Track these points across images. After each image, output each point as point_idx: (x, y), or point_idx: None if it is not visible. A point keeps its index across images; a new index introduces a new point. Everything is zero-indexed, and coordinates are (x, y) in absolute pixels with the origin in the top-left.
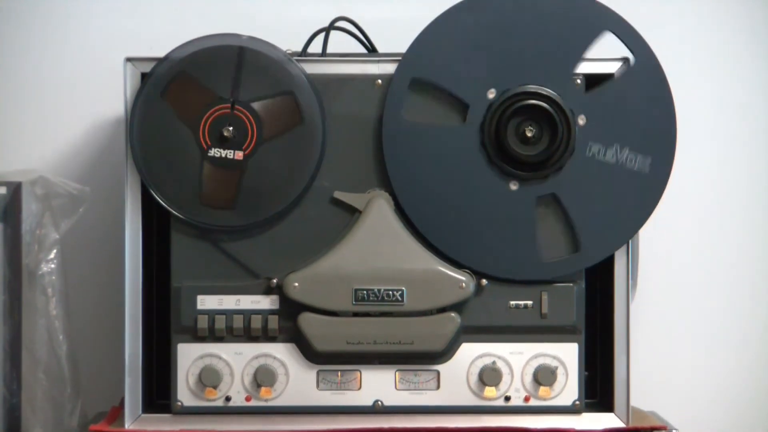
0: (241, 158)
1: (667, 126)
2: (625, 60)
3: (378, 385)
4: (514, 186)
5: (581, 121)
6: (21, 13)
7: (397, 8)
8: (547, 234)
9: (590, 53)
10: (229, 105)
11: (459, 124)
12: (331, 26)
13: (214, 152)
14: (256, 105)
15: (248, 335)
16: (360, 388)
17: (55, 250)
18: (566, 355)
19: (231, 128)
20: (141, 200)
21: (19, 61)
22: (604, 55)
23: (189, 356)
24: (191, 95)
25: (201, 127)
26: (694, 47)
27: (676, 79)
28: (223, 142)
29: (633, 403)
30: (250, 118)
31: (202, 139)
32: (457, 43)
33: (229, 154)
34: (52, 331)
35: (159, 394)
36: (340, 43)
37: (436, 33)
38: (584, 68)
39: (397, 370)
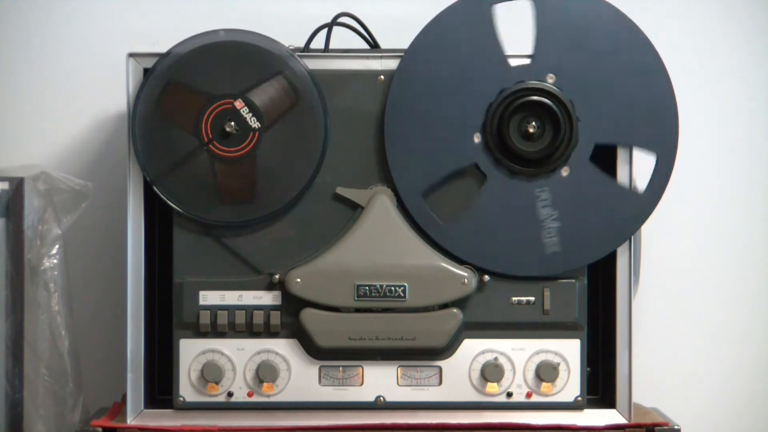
0: (245, 153)
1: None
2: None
3: (380, 381)
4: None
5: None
6: (23, 9)
7: (400, 4)
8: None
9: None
10: (228, 101)
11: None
12: (334, 22)
13: (217, 148)
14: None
15: (250, 331)
16: (362, 384)
17: (57, 246)
18: (568, 351)
19: (233, 123)
20: (143, 196)
21: (22, 56)
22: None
23: (191, 352)
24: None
25: (203, 123)
26: (695, 47)
27: (677, 79)
28: (226, 138)
29: (635, 399)
30: (249, 110)
31: (204, 136)
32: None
33: (232, 149)
34: (54, 326)
35: (161, 389)
36: (342, 39)
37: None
38: None
39: (399, 366)
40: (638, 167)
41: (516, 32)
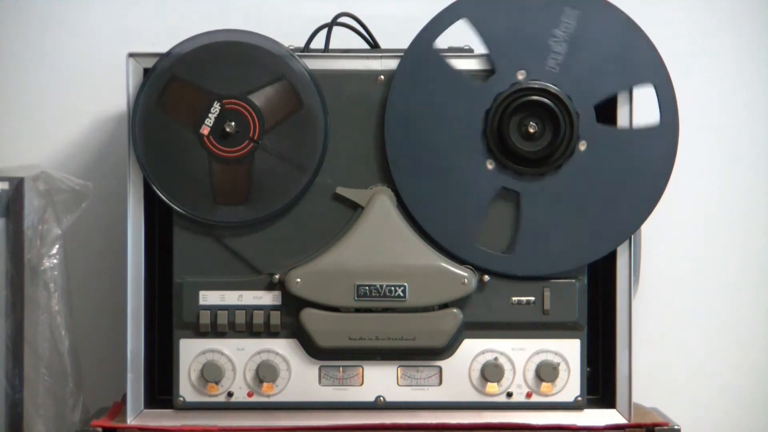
0: (245, 153)
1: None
2: None
3: (380, 381)
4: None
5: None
6: (22, 9)
7: (400, 4)
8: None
9: None
10: (228, 101)
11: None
12: (334, 22)
13: (218, 148)
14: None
15: (250, 331)
16: (362, 384)
17: (57, 246)
18: (568, 351)
19: (233, 123)
20: (143, 196)
21: (22, 56)
22: None
23: (191, 352)
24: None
25: (203, 123)
26: (696, 47)
27: (679, 79)
28: (226, 138)
29: (635, 399)
30: (251, 111)
31: (204, 136)
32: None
33: (232, 149)
34: (54, 326)
35: (161, 389)
36: (342, 39)
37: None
38: None
39: (399, 366)
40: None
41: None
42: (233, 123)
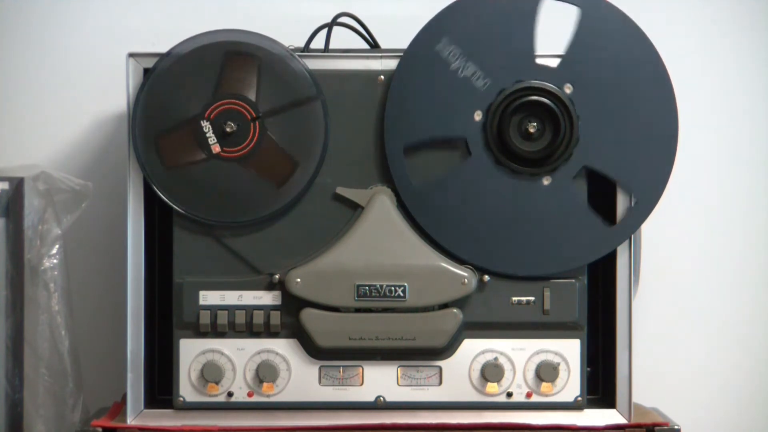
0: (245, 153)
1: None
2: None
3: (380, 381)
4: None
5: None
6: (22, 8)
7: (400, 4)
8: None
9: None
10: (228, 101)
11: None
12: (334, 22)
13: (218, 148)
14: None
15: (250, 331)
16: (362, 384)
17: (57, 246)
18: (568, 351)
19: (233, 123)
20: (143, 196)
21: (22, 56)
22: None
23: (191, 352)
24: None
25: (203, 124)
26: (696, 47)
27: (679, 78)
28: (226, 138)
29: (635, 399)
30: (251, 111)
31: (204, 136)
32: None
33: (232, 149)
34: (54, 326)
35: (161, 389)
36: (342, 39)
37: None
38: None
39: (399, 366)
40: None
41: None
42: (233, 123)
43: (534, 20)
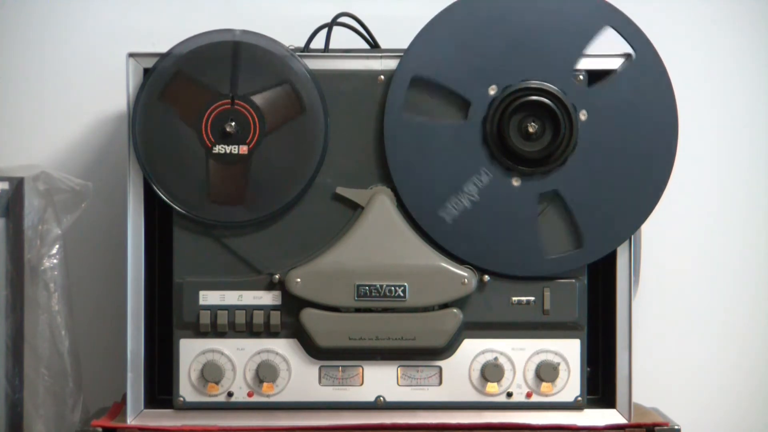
0: (245, 153)
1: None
2: (627, 56)
3: (380, 380)
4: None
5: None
6: (23, 9)
7: (400, 4)
8: (550, 230)
9: (592, 49)
10: (229, 101)
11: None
12: (334, 22)
13: (218, 148)
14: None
15: (250, 331)
16: (362, 384)
17: (57, 246)
18: (568, 351)
19: (233, 123)
20: (143, 196)
21: (21, 56)
22: (606, 51)
23: (191, 352)
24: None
25: (203, 124)
26: (696, 47)
27: (679, 78)
28: (226, 138)
29: (635, 399)
30: (251, 111)
31: (204, 136)
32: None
33: (233, 149)
34: (54, 326)
35: (161, 389)
36: (342, 39)
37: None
38: (586, 64)
39: (399, 366)
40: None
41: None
42: (233, 123)
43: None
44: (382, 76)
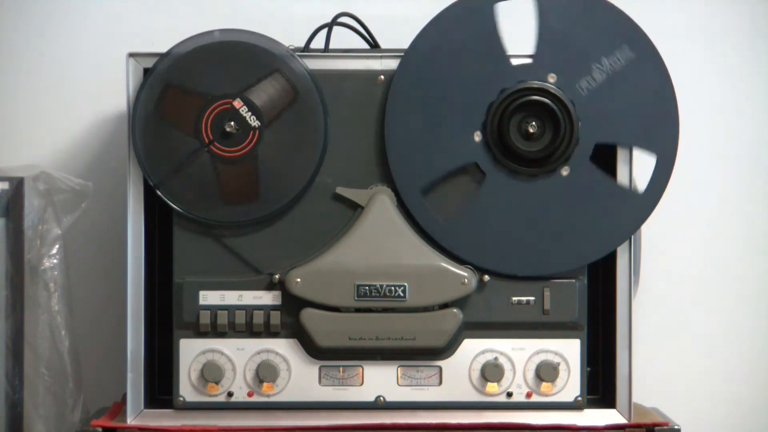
0: (245, 153)
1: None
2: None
3: (380, 380)
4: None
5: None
6: (23, 8)
7: (400, 4)
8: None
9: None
10: (227, 101)
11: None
12: (334, 22)
13: (218, 149)
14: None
15: (250, 331)
16: (362, 383)
17: (57, 246)
18: (568, 351)
19: (233, 123)
20: (143, 196)
21: (21, 56)
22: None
23: (191, 352)
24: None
25: (203, 124)
26: (696, 47)
27: (678, 79)
28: (226, 138)
29: (635, 399)
30: (251, 111)
31: (204, 136)
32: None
33: (232, 149)
34: (54, 326)
35: (161, 389)
36: (342, 39)
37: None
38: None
39: (399, 366)
40: (639, 167)
41: (518, 32)
42: (233, 123)
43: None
44: (382, 76)
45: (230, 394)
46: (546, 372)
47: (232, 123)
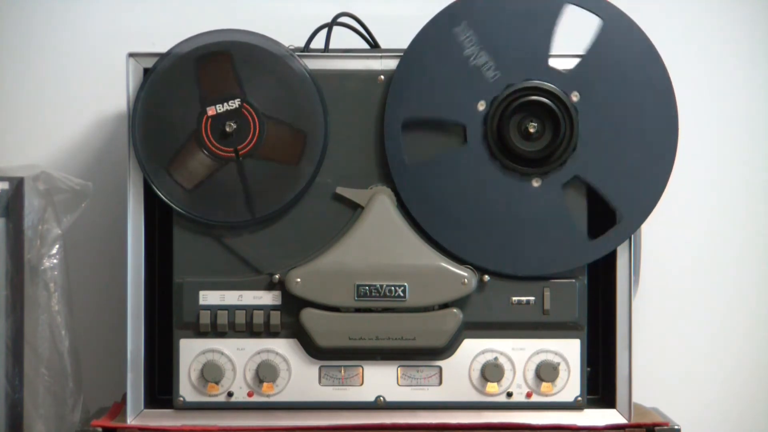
0: (245, 152)
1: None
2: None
3: (380, 380)
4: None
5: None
6: (23, 9)
7: (400, 4)
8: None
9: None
10: (228, 101)
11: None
12: (334, 22)
13: (218, 148)
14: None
15: (250, 331)
16: (362, 383)
17: (57, 246)
18: (568, 351)
19: (233, 123)
20: (143, 196)
21: (22, 56)
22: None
23: (191, 352)
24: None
25: (203, 124)
26: (696, 46)
27: (678, 79)
28: (226, 138)
29: (635, 399)
30: (251, 111)
31: (204, 136)
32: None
33: (232, 149)
34: (54, 326)
35: (161, 389)
36: (342, 39)
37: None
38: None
39: (399, 366)
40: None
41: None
42: (233, 123)
43: (555, 21)
44: (382, 76)
45: (230, 394)
46: (546, 372)
47: (233, 123)
